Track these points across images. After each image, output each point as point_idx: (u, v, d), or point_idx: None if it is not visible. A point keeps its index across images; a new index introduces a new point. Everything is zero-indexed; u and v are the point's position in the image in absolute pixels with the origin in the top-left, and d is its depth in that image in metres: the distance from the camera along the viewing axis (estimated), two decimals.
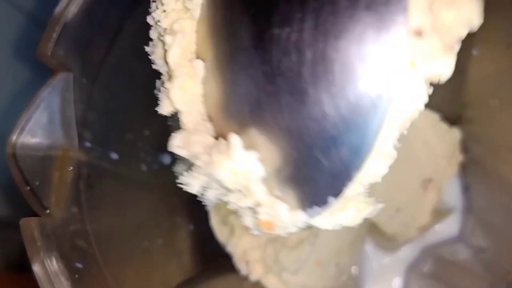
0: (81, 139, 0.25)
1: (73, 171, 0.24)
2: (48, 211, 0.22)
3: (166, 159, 0.35)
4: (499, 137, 0.38)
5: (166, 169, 0.34)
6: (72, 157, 0.25)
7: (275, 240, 0.33)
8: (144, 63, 0.30)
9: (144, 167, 0.31)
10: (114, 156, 0.28)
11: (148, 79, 0.31)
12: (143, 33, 0.28)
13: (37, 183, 0.23)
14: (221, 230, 0.35)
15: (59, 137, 0.24)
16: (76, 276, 0.21)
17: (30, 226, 0.20)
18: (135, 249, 0.28)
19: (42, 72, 0.25)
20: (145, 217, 0.31)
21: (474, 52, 0.30)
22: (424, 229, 0.40)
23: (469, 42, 0.30)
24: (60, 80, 0.24)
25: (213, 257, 0.37)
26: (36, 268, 0.20)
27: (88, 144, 0.26)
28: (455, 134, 0.40)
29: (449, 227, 0.42)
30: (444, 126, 0.40)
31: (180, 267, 0.32)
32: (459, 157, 0.40)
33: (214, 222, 0.36)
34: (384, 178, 0.34)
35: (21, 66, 0.36)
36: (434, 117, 0.40)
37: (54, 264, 0.20)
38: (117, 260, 0.25)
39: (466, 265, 0.36)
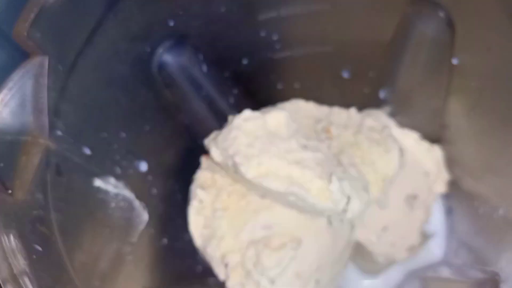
0: (52, 127, 0.25)
1: (41, 158, 0.23)
2: (10, 191, 0.21)
3: (143, 167, 0.34)
4: (477, 158, 0.38)
5: (142, 177, 0.34)
6: (41, 144, 0.24)
7: (258, 242, 0.32)
8: (123, 64, 0.30)
9: (118, 170, 0.30)
10: (87, 151, 0.27)
11: (127, 82, 0.31)
12: (123, 31, 0.28)
13: (1, 164, 0.22)
14: (201, 234, 0.34)
15: (29, 123, 0.23)
16: (34, 257, 0.19)
17: None
18: (102, 250, 0.26)
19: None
20: (116, 221, 0.29)
21: (454, 61, 0.31)
22: (413, 250, 0.39)
23: (448, 52, 0.32)
24: (35, 64, 0.23)
25: (184, 274, 0.35)
26: None
27: (59, 133, 0.25)
28: (437, 151, 0.40)
29: (433, 249, 0.41)
30: (425, 144, 0.40)
31: (148, 278, 0.31)
32: (445, 176, 0.40)
33: (194, 226, 0.34)
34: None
35: None
36: (414, 135, 0.40)
37: (11, 241, 0.19)
38: (82, 258, 0.24)
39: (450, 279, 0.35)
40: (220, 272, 0.32)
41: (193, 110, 0.37)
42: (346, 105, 0.41)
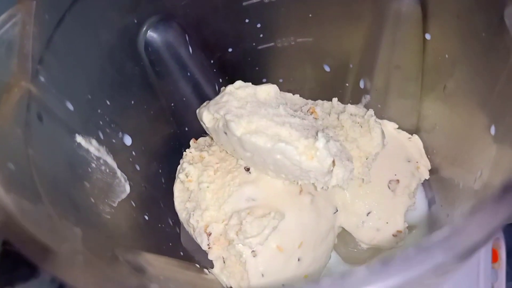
0: (35, 74, 0.25)
1: (22, 98, 0.24)
2: None
3: (127, 141, 0.34)
4: (452, 146, 0.38)
5: (125, 150, 0.34)
6: (22, 86, 0.24)
7: (241, 212, 0.31)
8: (110, 32, 0.31)
9: (101, 135, 0.30)
10: (70, 106, 0.27)
11: (114, 52, 0.32)
12: None
13: None
14: (185, 207, 0.34)
15: (13, 65, 0.24)
16: (6, 172, 0.19)
17: None
18: (78, 198, 0.26)
19: None
20: (96, 182, 0.29)
21: (427, 36, 0.32)
22: (400, 236, 0.38)
23: (421, 28, 0.33)
24: (23, 10, 0.24)
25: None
26: None
27: (42, 80, 0.25)
28: (417, 140, 0.41)
29: (415, 239, 0.40)
30: (404, 133, 0.41)
31: (125, 242, 0.30)
32: (427, 163, 0.40)
33: (178, 201, 0.34)
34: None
35: None
36: (393, 125, 0.41)
37: None
38: (57, 196, 0.23)
39: None
40: (203, 241, 0.32)
41: (178, 92, 0.38)
42: (328, 98, 0.42)
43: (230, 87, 0.33)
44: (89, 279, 0.15)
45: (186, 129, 0.40)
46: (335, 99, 0.41)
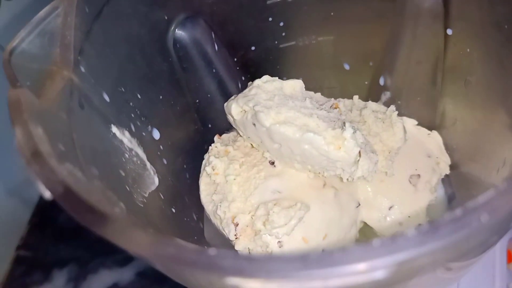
0: (76, 64, 0.26)
1: (65, 86, 0.25)
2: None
3: (155, 135, 0.35)
4: (473, 141, 0.39)
5: (154, 143, 0.35)
6: (65, 75, 0.25)
7: (268, 203, 0.32)
8: (142, 27, 0.32)
9: (132, 127, 0.31)
10: (106, 97, 0.28)
11: (145, 46, 0.33)
12: None
13: (28, 83, 0.23)
14: (211, 200, 0.35)
15: (56, 55, 0.25)
16: (58, 150, 0.20)
17: (16, 94, 0.20)
18: (115, 184, 0.27)
19: None
20: (129, 171, 0.30)
21: (449, 32, 0.33)
22: None
23: (440, 24, 0.34)
24: (65, 2, 0.25)
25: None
26: (18, 129, 0.19)
27: (83, 70, 0.26)
28: (437, 136, 0.41)
29: None
30: (424, 129, 0.42)
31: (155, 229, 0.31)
32: (447, 158, 0.41)
33: (204, 194, 0.35)
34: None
35: None
36: (413, 122, 0.42)
37: (39, 131, 0.19)
38: (97, 179, 0.24)
39: None
40: (230, 231, 0.32)
41: (203, 88, 0.39)
42: (348, 97, 0.43)
43: (257, 81, 0.34)
44: (146, 241, 0.16)
45: (210, 126, 0.41)
46: (356, 97, 0.42)
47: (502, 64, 0.31)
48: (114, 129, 0.29)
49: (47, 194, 0.18)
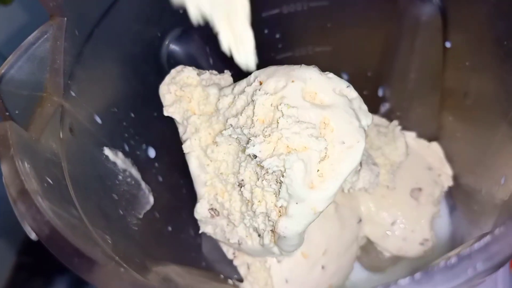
0: (67, 88, 0.26)
1: (55, 112, 0.24)
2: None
3: (151, 153, 0.35)
4: (474, 153, 0.38)
5: (149, 162, 0.34)
6: (55, 101, 0.25)
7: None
8: (135, 45, 0.32)
9: (126, 148, 0.31)
10: (98, 120, 0.28)
11: (138, 65, 0.33)
12: (137, 12, 0.30)
13: (16, 111, 0.23)
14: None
15: (45, 80, 0.25)
16: (46, 185, 0.20)
17: (4, 127, 0.20)
18: (109, 208, 0.26)
19: None
20: (123, 193, 0.30)
21: (448, 44, 0.33)
22: (427, 245, 0.38)
23: (441, 36, 0.33)
24: (54, 26, 0.25)
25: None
26: (4, 165, 0.19)
27: (73, 94, 0.26)
28: (437, 147, 0.41)
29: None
30: (423, 141, 0.41)
31: (152, 252, 0.30)
32: (448, 169, 0.40)
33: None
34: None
35: None
36: (411, 134, 0.42)
37: (25, 166, 0.19)
38: (91, 206, 0.24)
39: None
40: (228, 252, 0.32)
41: None
42: None
43: None
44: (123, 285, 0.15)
45: None
46: None
47: (502, 79, 0.30)
48: (107, 151, 0.29)
49: (33, 236, 0.17)
